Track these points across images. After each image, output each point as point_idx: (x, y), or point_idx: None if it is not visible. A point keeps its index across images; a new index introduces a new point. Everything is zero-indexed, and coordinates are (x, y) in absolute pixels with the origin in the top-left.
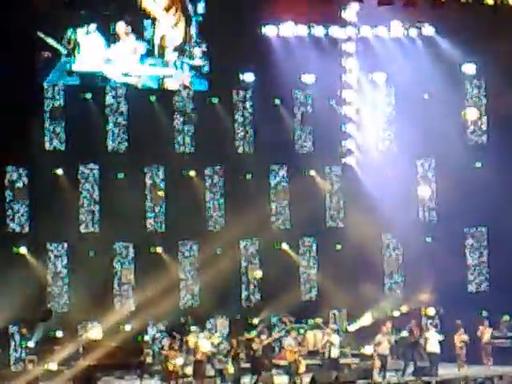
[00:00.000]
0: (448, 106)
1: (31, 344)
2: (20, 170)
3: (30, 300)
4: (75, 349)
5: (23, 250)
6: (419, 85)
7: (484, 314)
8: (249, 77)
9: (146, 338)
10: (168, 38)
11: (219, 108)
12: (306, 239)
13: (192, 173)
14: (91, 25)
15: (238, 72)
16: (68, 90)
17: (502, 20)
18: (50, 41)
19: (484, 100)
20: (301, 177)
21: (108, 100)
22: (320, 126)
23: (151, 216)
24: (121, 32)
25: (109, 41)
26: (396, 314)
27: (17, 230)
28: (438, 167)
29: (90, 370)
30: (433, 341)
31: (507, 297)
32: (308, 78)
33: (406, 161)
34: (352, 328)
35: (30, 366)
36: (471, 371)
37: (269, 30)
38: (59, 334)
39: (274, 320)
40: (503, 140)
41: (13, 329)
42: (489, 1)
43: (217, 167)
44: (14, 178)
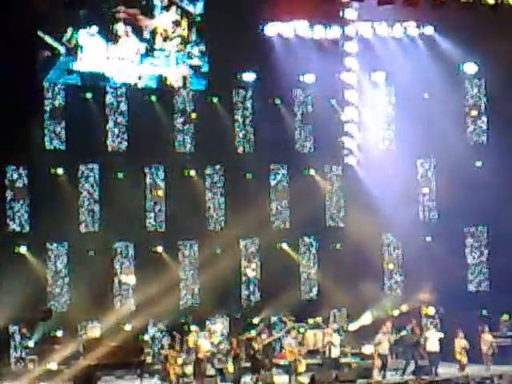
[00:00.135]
0: (448, 106)
1: (31, 343)
2: (20, 170)
3: (30, 299)
4: (75, 348)
5: (23, 250)
6: (419, 84)
7: (484, 314)
8: (249, 76)
9: (146, 338)
10: (168, 38)
11: (219, 107)
12: (306, 239)
13: (192, 172)
14: (93, 26)
15: (239, 71)
16: (68, 90)
17: (502, 20)
18: (49, 40)
19: (484, 100)
20: (301, 176)
21: (108, 100)
22: (320, 126)
23: (151, 215)
24: (121, 32)
25: (109, 41)
26: (396, 314)
27: (17, 230)
28: (438, 166)
29: (90, 370)
30: (433, 340)
31: (507, 296)
32: (308, 78)
33: (406, 160)
34: (352, 327)
35: (31, 366)
36: (471, 371)
37: (269, 30)
38: (59, 334)
39: (274, 319)
40: (503, 139)
41: (13, 328)
42: (489, 0)
43: (217, 167)
44: (14, 178)
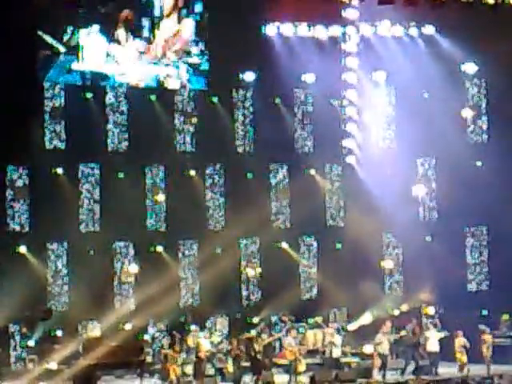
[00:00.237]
0: (448, 105)
1: (31, 343)
2: (20, 170)
3: (30, 299)
4: (75, 348)
5: (23, 249)
6: (419, 84)
7: (484, 313)
8: (249, 76)
9: (146, 337)
10: (168, 38)
11: (219, 107)
12: (307, 238)
13: (192, 172)
14: (93, 26)
15: (239, 71)
16: (68, 89)
17: (502, 20)
18: (49, 39)
19: (484, 99)
20: (301, 176)
21: (108, 99)
22: (320, 125)
23: (151, 215)
24: (121, 31)
25: (109, 40)
26: (396, 313)
27: (17, 230)
28: (439, 166)
29: (90, 369)
30: (433, 340)
31: (507, 296)
32: (308, 77)
33: (407, 160)
34: (352, 327)
35: (31, 365)
36: (471, 371)
37: (269, 29)
38: (59, 333)
39: (274, 319)
40: (503, 139)
41: (13, 328)
42: (489, 0)
43: (217, 166)
44: (15, 178)
